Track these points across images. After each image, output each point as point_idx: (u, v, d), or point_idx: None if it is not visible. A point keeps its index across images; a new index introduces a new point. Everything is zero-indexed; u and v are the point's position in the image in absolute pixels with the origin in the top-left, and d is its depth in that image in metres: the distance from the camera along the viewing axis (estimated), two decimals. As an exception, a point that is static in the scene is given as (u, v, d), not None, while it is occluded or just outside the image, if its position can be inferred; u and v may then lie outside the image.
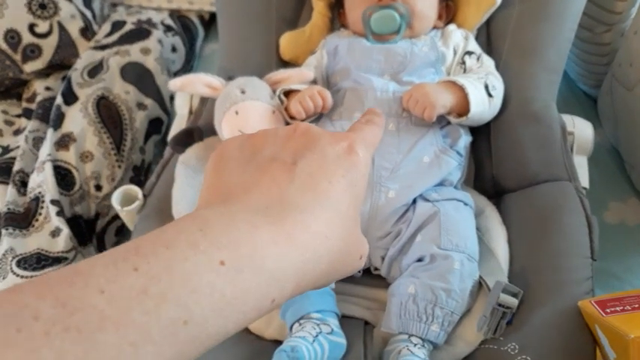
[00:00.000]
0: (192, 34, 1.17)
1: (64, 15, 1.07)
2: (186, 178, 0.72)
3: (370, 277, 0.71)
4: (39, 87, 1.07)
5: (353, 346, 0.62)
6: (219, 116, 0.73)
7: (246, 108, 0.71)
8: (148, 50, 1.06)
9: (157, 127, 1.01)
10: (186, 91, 0.76)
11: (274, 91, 0.75)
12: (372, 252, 0.69)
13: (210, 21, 1.21)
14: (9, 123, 1.04)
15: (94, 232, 0.88)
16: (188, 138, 0.75)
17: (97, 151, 0.90)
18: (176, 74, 1.09)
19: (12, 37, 1.05)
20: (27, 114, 1.04)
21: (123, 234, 0.92)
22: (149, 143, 0.99)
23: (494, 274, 0.66)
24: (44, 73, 1.09)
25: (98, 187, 0.89)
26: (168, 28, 1.12)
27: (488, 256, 0.68)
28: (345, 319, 0.64)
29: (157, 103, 1.01)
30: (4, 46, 1.04)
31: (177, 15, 1.17)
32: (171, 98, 1.05)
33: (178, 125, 0.79)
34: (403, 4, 0.74)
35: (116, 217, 0.90)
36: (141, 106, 0.98)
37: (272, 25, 0.82)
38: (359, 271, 0.70)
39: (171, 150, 0.76)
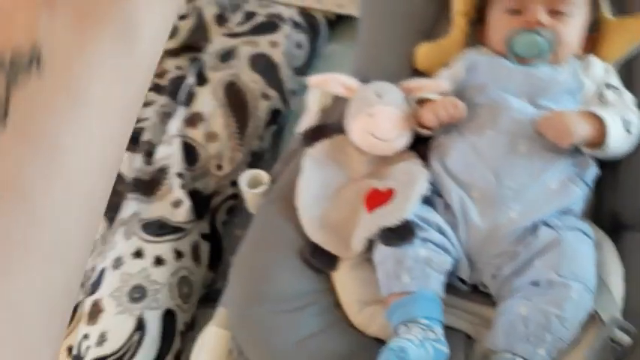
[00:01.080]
0: (317, 32, 1.20)
1: (203, 1, 1.14)
2: (312, 172, 0.75)
3: (477, 292, 0.71)
4: (169, 65, 1.14)
5: (453, 358, 0.63)
6: (351, 117, 0.75)
7: (380, 112, 0.73)
8: (276, 44, 1.10)
9: (275, 117, 1.05)
10: (322, 88, 0.79)
11: (407, 98, 0.76)
12: (483, 268, 0.70)
13: (335, 22, 1.25)
14: (140, 95, 1.11)
15: (208, 208, 0.93)
16: (318, 133, 0.78)
17: (222, 133, 0.95)
18: (297, 70, 1.13)
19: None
20: (156, 88, 1.11)
21: (234, 213, 0.96)
22: (267, 132, 1.03)
23: (608, 308, 0.65)
24: (174, 52, 1.16)
25: (219, 167, 0.94)
26: (295, 25, 1.16)
27: (602, 290, 0.67)
28: (447, 330, 0.65)
29: (279, 95, 1.05)
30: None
31: (304, 12, 1.21)
32: (292, 92, 1.09)
33: (307, 120, 0.82)
34: (549, 31, 0.74)
35: (230, 196, 0.95)
36: (265, 96, 1.03)
37: (410, 35, 0.84)
38: (466, 285, 0.71)
39: (299, 141, 0.79)
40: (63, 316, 0.23)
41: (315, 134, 0.78)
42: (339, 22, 1.25)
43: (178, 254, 0.81)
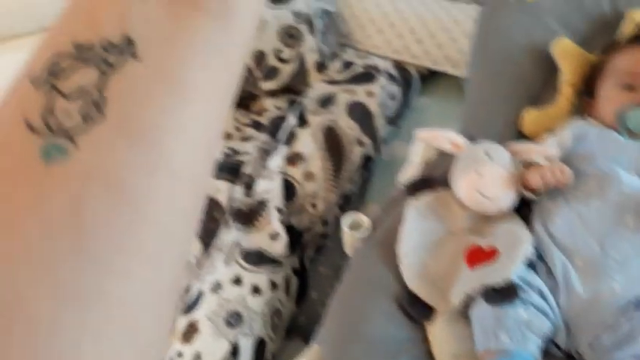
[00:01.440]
0: (410, 85, 1.24)
1: (306, 47, 1.20)
2: (415, 222, 0.78)
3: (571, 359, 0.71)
4: (269, 104, 1.20)
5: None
6: (459, 173, 0.78)
7: (489, 171, 0.75)
8: (372, 93, 1.15)
9: (367, 163, 1.08)
10: (429, 143, 0.83)
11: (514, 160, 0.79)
12: (580, 336, 0.70)
13: (427, 77, 1.29)
14: (238, 129, 1.17)
15: (299, 243, 0.96)
16: (423, 185, 0.80)
17: (319, 174, 0.99)
18: (389, 119, 1.17)
19: (259, 56, 1.19)
20: (255, 125, 1.17)
21: (321, 251, 0.99)
22: (358, 176, 1.07)
23: None
24: (274, 93, 1.22)
25: (313, 205, 0.97)
26: (390, 77, 1.21)
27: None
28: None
29: (372, 142, 1.09)
30: (251, 64, 1.18)
31: (399, 66, 1.26)
32: (383, 140, 1.13)
33: (410, 171, 0.86)
34: (663, 108, 0.76)
35: (320, 235, 0.98)
36: (360, 142, 1.07)
37: (517, 98, 0.87)
38: (560, 352, 0.71)
39: (403, 191, 0.82)
40: (169, 317, 0.22)
41: (419, 186, 0.81)
42: (431, 77, 1.29)
43: (273, 285, 0.84)
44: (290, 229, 0.94)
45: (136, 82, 0.19)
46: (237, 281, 0.83)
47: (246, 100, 1.24)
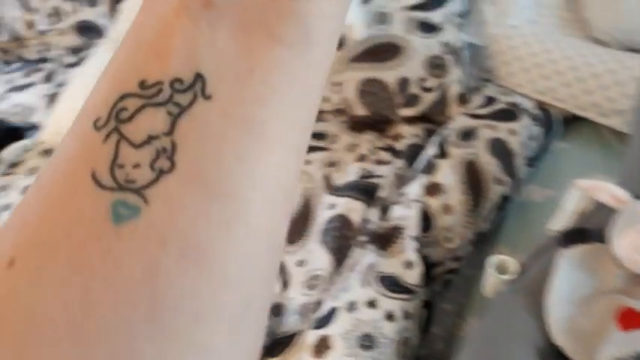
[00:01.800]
0: (551, 128, 1.21)
1: (450, 78, 1.20)
2: (566, 274, 0.75)
3: None
4: (405, 131, 1.21)
5: None
6: (619, 230, 0.74)
7: (655, 232, 0.72)
8: (514, 132, 1.13)
9: (503, 203, 1.07)
10: (588, 193, 0.80)
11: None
12: None
13: (569, 121, 1.25)
14: (372, 152, 1.19)
15: (429, 276, 0.96)
16: (576, 236, 0.78)
17: (457, 208, 0.98)
18: (527, 160, 1.14)
19: (402, 83, 1.21)
20: (390, 150, 1.18)
21: (449, 288, 0.99)
22: (493, 216, 1.05)
23: None
24: (411, 120, 1.23)
25: (448, 239, 0.97)
26: (534, 117, 1.18)
27: None
28: None
29: (512, 182, 1.07)
30: (393, 89, 1.20)
31: (542, 107, 1.23)
32: (521, 182, 1.10)
33: (563, 219, 0.83)
34: None
35: (449, 270, 0.98)
36: (499, 181, 1.05)
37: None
38: None
39: (554, 240, 0.80)
40: None
41: (573, 237, 0.78)
42: (574, 121, 1.25)
43: (406, 314, 0.85)
44: (423, 260, 0.94)
45: (208, 125, 0.17)
46: (372, 304, 0.84)
47: (381, 125, 1.26)
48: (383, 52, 1.23)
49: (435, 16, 1.26)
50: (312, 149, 1.20)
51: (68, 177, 0.17)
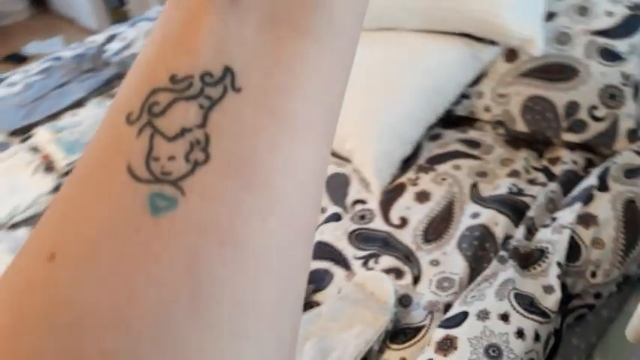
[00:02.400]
0: None
1: (624, 111, 1.15)
2: None
3: None
4: (565, 156, 1.18)
5: None
6: None
7: None
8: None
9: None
10: None
11: None
12: None
13: None
14: (527, 171, 1.18)
15: (566, 307, 0.94)
16: None
17: (608, 244, 0.95)
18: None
19: (571, 107, 1.18)
20: (546, 172, 1.16)
21: (581, 323, 0.96)
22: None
23: None
24: (572, 146, 1.20)
25: (593, 274, 0.94)
26: None
27: None
28: None
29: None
30: (560, 112, 1.17)
31: None
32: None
33: None
34: None
35: (586, 305, 0.95)
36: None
37: None
38: None
39: None
40: None
41: None
42: None
43: (537, 337, 0.84)
44: (562, 289, 0.93)
45: (239, 117, 0.17)
46: (505, 318, 0.85)
47: (540, 144, 1.24)
48: (557, 72, 1.21)
49: (620, 44, 1.21)
50: (463, 155, 1.22)
51: (103, 171, 0.17)
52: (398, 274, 1.00)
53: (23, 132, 1.50)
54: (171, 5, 0.19)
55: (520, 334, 0.84)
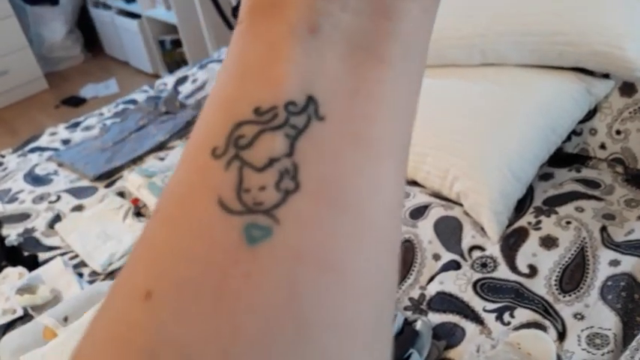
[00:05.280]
0: None
1: None
2: None
3: None
4: None
5: None
6: None
7: None
8: None
9: None
10: None
11: None
12: None
13: None
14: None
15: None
16: None
17: None
18: None
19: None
20: None
21: None
22: None
23: None
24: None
25: None
26: None
27: None
28: None
29: None
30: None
31: None
32: None
33: None
34: None
35: None
36: None
37: None
38: None
39: None
40: None
41: None
42: None
43: None
44: None
45: (325, 144, 0.17)
46: None
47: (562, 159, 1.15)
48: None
49: None
50: (584, 196, 1.13)
51: (193, 207, 0.17)
52: (540, 329, 0.91)
53: (108, 176, 1.47)
54: (246, 39, 0.19)
55: None
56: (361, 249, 0.17)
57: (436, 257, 1.09)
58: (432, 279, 1.05)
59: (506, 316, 0.94)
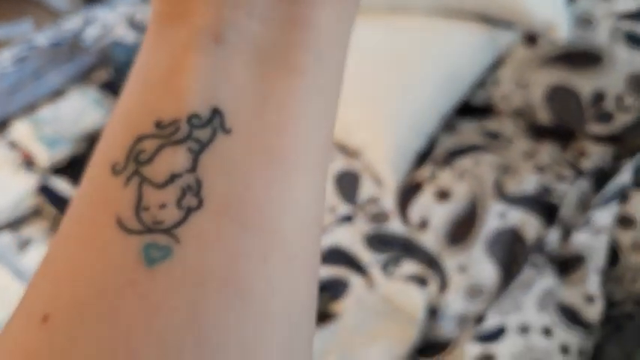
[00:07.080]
0: None
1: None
2: None
3: None
4: (592, 150, 1.11)
5: None
6: None
7: None
8: None
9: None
10: None
11: None
12: None
13: None
14: (553, 165, 1.10)
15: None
16: None
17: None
18: None
19: (597, 96, 1.10)
20: (573, 167, 1.09)
21: (619, 331, 0.90)
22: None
23: None
24: (598, 139, 1.12)
25: (633, 281, 0.87)
26: None
27: None
28: None
29: None
30: (586, 101, 1.10)
31: None
32: None
33: None
34: None
35: (626, 315, 0.89)
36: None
37: None
38: None
39: None
40: None
41: None
42: None
43: (580, 352, 0.77)
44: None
45: (231, 158, 0.17)
46: (548, 332, 0.77)
47: (564, 137, 1.16)
48: (581, 59, 1.13)
49: (647, 29, 1.13)
50: (483, 149, 1.13)
51: (91, 226, 0.16)
52: (422, 281, 0.91)
53: (0, 126, 1.37)
54: (148, 49, 0.18)
55: (565, 350, 0.76)
56: (269, 268, 0.16)
57: (333, 209, 1.07)
58: (325, 232, 1.04)
59: (390, 268, 0.94)
